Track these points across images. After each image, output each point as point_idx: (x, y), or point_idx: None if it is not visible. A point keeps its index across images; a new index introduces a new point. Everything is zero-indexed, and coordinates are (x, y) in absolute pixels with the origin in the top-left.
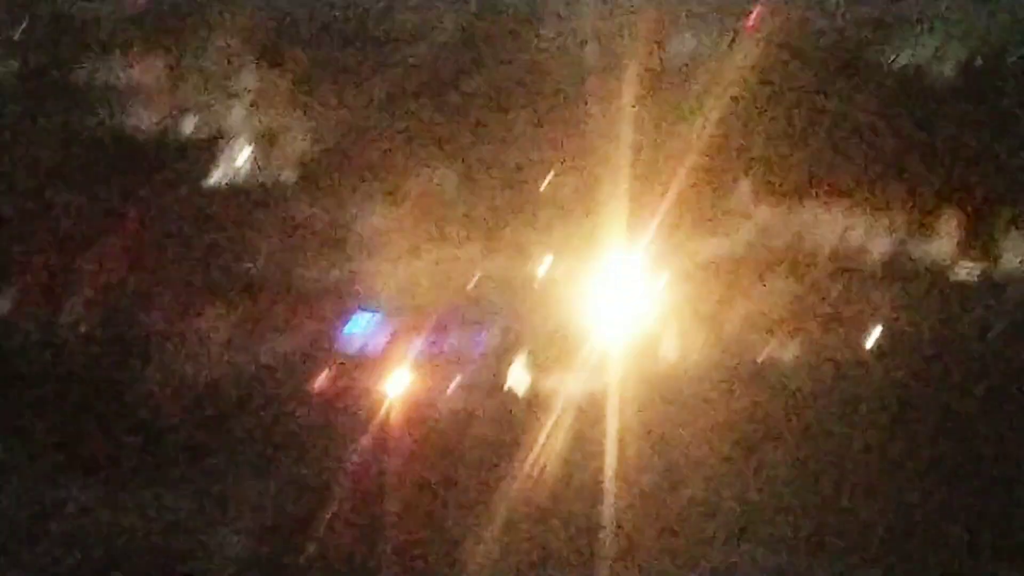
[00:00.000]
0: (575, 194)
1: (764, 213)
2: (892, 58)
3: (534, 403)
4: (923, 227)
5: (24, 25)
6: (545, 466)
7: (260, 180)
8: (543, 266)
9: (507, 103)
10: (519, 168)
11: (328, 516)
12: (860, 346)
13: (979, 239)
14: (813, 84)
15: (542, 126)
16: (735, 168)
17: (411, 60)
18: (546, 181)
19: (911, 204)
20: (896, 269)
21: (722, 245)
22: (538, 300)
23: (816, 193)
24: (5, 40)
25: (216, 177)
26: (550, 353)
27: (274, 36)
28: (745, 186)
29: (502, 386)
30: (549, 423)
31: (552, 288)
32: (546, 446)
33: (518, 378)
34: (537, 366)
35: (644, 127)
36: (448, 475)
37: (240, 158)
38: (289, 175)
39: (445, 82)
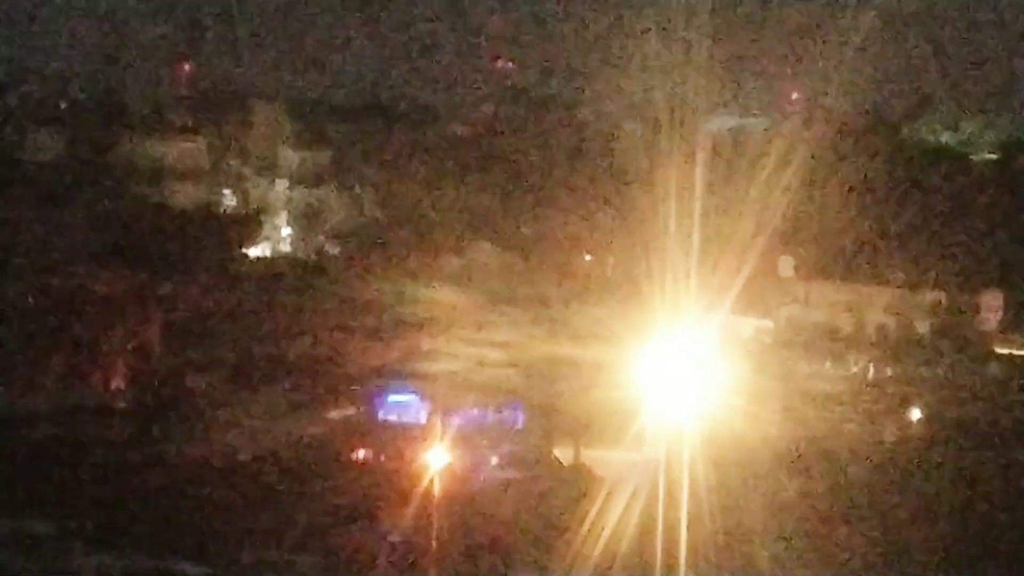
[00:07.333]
0: (616, 271)
1: (806, 290)
2: (931, 137)
3: (575, 476)
4: (964, 305)
5: (69, 102)
6: (587, 538)
7: (301, 256)
8: (585, 342)
9: (551, 180)
10: (560, 244)
11: None
12: (907, 423)
13: (1019, 316)
14: (852, 164)
15: (584, 203)
16: (778, 246)
17: (451, 138)
18: (587, 258)
19: (952, 282)
20: (940, 346)
21: (765, 321)
22: (580, 376)
23: (857, 271)
24: (50, 116)
25: (258, 252)
26: (591, 428)
27: (316, 115)
28: (788, 263)
29: (540, 460)
30: (591, 495)
31: (594, 364)
32: (589, 517)
33: (560, 452)
34: (580, 441)
35: (687, 205)
36: (491, 543)
37: (282, 234)
38: (329, 251)
39: (488, 159)
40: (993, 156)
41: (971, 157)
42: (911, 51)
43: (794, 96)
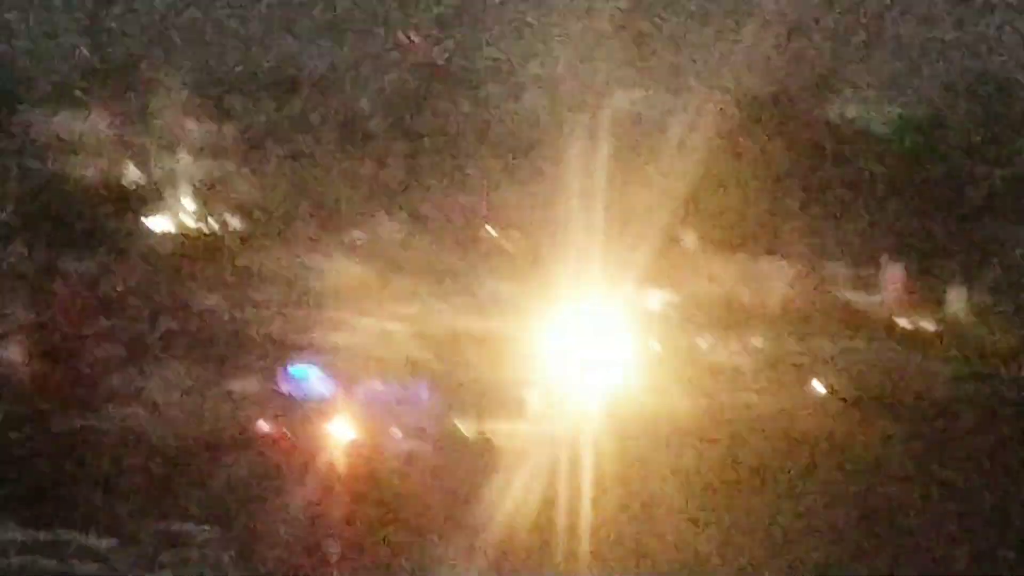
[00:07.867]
0: (522, 244)
1: (709, 264)
2: (833, 112)
3: (479, 449)
4: (866, 278)
5: None
6: (490, 509)
7: (205, 229)
8: (491, 315)
9: (455, 153)
10: (466, 218)
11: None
12: (808, 394)
13: (921, 290)
14: (755, 138)
15: (490, 176)
16: (681, 220)
17: (355, 111)
18: (492, 231)
19: (854, 256)
20: (840, 319)
21: (668, 295)
22: (483, 349)
23: (760, 245)
24: None
25: (161, 225)
26: (496, 402)
27: (219, 87)
28: (691, 237)
29: (444, 432)
30: (495, 468)
31: (500, 337)
32: (493, 490)
33: (463, 426)
34: (484, 415)
35: (591, 179)
36: (396, 517)
37: (185, 207)
38: (234, 224)
39: (392, 132)
40: (894, 130)
41: (873, 131)
42: (816, 28)
43: (699, 71)
